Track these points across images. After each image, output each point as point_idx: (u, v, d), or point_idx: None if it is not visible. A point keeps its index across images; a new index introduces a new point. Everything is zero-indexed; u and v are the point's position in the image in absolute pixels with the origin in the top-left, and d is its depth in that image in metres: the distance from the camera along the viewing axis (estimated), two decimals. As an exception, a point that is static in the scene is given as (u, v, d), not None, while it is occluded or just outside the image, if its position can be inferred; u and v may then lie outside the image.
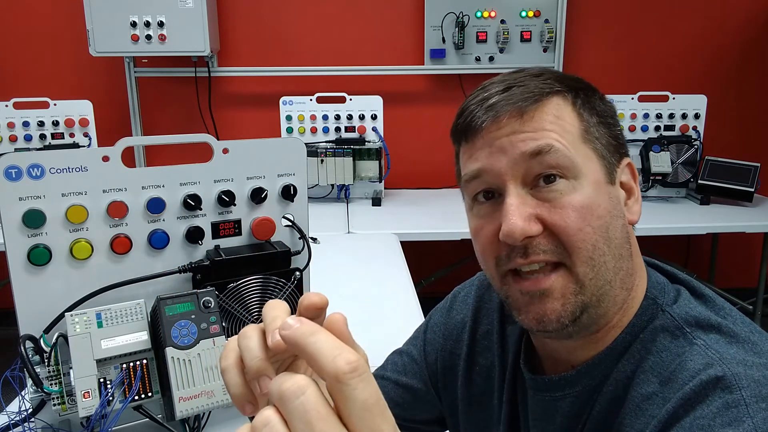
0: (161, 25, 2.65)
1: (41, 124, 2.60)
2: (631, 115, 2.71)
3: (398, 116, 3.02)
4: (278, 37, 3.07)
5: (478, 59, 3.04)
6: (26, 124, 2.59)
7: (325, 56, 3.07)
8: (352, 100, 2.71)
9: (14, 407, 0.82)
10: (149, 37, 2.67)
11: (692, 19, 3.14)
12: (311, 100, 2.71)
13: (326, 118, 2.71)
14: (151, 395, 0.80)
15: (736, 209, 2.61)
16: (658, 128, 2.72)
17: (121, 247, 0.86)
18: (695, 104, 2.71)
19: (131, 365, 0.79)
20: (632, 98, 2.71)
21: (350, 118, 2.70)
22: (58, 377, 0.78)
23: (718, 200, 2.66)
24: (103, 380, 0.77)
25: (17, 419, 0.80)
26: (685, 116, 2.70)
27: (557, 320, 0.61)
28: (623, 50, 3.16)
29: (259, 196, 0.94)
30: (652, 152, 2.62)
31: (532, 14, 2.99)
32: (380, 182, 2.76)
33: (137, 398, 0.79)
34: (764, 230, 2.56)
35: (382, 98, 2.71)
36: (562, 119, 0.62)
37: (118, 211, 0.85)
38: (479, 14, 2.99)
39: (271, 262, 0.94)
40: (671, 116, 2.71)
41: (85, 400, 0.75)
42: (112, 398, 0.77)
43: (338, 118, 2.71)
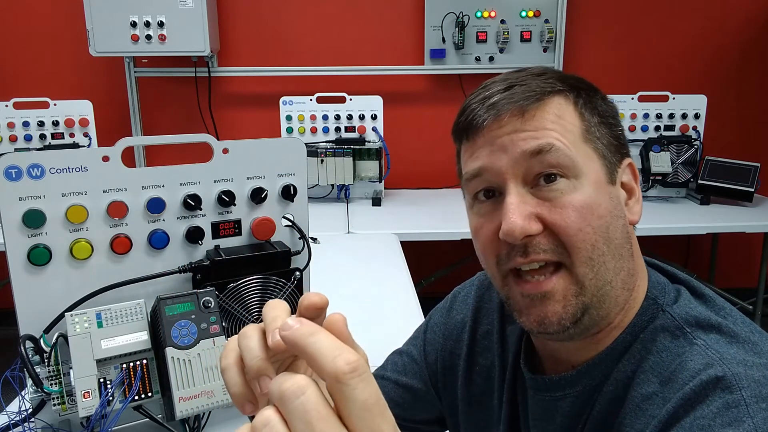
0: (161, 25, 2.65)
1: (41, 124, 2.60)
2: (631, 115, 2.71)
3: (398, 116, 3.02)
4: (278, 37, 3.07)
5: (478, 59, 3.04)
6: (26, 124, 2.59)
7: (325, 56, 3.07)
8: (352, 100, 2.71)
9: (14, 407, 0.82)
10: (149, 37, 2.67)
11: (692, 19, 3.14)
12: (311, 100, 2.70)
13: (326, 118, 2.71)
14: (151, 395, 0.80)
15: (736, 209, 2.61)
16: (658, 128, 2.72)
17: (121, 247, 0.86)
18: (695, 104, 2.71)
19: (131, 365, 0.79)
20: (632, 98, 2.71)
21: (350, 118, 2.70)
22: (58, 377, 0.78)
23: (718, 200, 2.66)
24: (103, 380, 0.77)
25: (17, 419, 0.80)
26: (685, 116, 2.70)
27: (558, 322, 0.61)
28: (623, 50, 3.16)
29: (259, 196, 0.94)
30: (652, 152, 2.62)
31: (532, 14, 2.99)
32: (380, 182, 2.76)
33: (137, 398, 0.79)
34: (764, 230, 2.56)
35: (382, 98, 2.71)
36: (563, 118, 0.62)
37: (118, 211, 0.85)
38: (479, 14, 2.99)
39: (271, 262, 0.94)
40: (671, 116, 2.71)
41: (85, 400, 0.75)
42: (112, 398, 0.77)
43: (338, 118, 2.71)
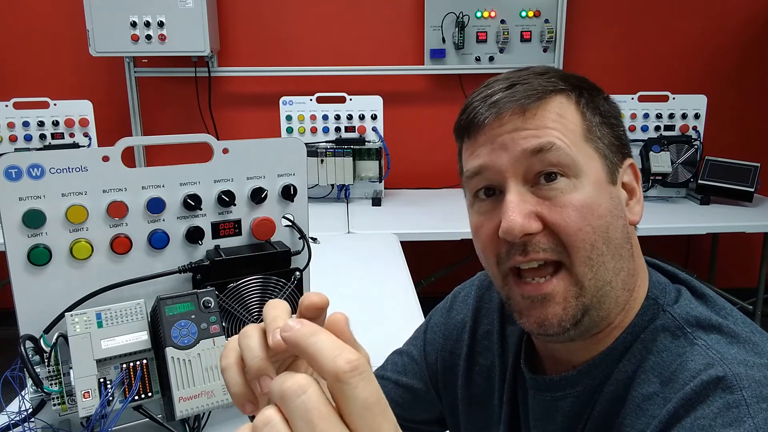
0: (161, 25, 2.65)
1: (41, 124, 2.60)
2: (631, 115, 2.71)
3: (398, 116, 3.02)
4: (278, 37, 3.07)
5: (478, 59, 3.04)
6: (26, 124, 2.59)
7: (325, 56, 3.07)
8: (352, 100, 2.71)
9: (14, 407, 0.82)
10: (149, 37, 2.66)
11: (692, 19, 3.14)
12: (311, 100, 2.70)
13: (326, 118, 2.71)
14: (151, 395, 0.80)
15: (736, 209, 2.61)
16: (658, 128, 2.72)
17: (121, 247, 0.86)
18: (695, 104, 2.71)
19: (131, 365, 0.79)
20: (632, 98, 2.71)
21: (350, 118, 2.70)
22: (58, 377, 0.77)
23: (718, 200, 2.66)
24: (103, 380, 0.77)
25: (17, 419, 0.80)
26: (685, 116, 2.70)
27: (558, 324, 0.61)
28: (623, 50, 3.16)
29: (259, 196, 0.94)
30: (652, 152, 2.62)
31: (532, 14, 2.99)
32: (380, 182, 2.76)
33: (137, 398, 0.79)
34: (764, 230, 2.56)
35: (382, 98, 2.71)
36: (564, 118, 0.62)
37: (118, 211, 0.85)
38: (479, 14, 2.99)
39: (271, 262, 0.94)
40: (671, 116, 2.71)
41: (85, 400, 0.75)
42: (112, 398, 0.77)
43: (338, 118, 2.71)
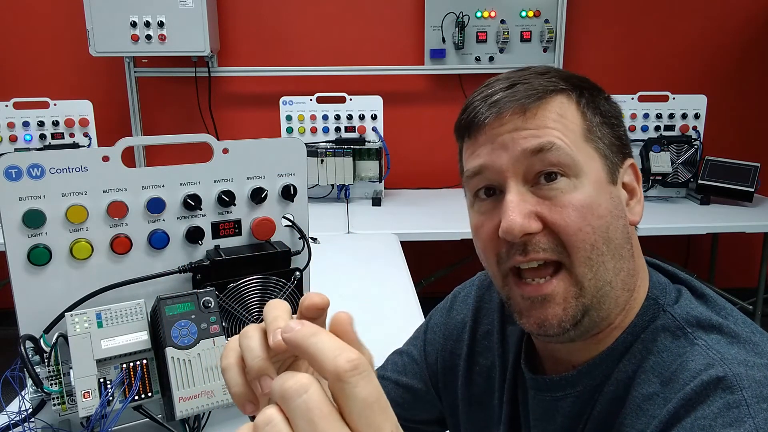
0: (161, 25, 2.65)
1: (41, 124, 2.60)
2: (631, 115, 2.71)
3: (398, 116, 3.02)
4: (278, 37, 3.07)
5: (478, 59, 3.04)
6: (26, 124, 2.59)
7: (325, 56, 3.07)
8: (352, 100, 2.71)
9: (14, 407, 0.82)
10: (149, 37, 2.66)
11: (692, 19, 3.14)
12: (311, 100, 2.70)
13: (326, 118, 2.71)
14: (151, 395, 0.80)
15: (736, 209, 2.61)
16: (658, 128, 2.72)
17: (121, 247, 0.86)
18: (695, 104, 2.71)
19: (131, 365, 0.79)
20: (632, 98, 2.70)
21: (350, 118, 2.70)
22: (58, 377, 0.77)
23: (718, 200, 2.66)
24: (103, 380, 0.77)
25: (17, 419, 0.80)
26: (685, 116, 2.70)
27: (558, 325, 0.61)
28: (623, 50, 3.16)
29: (259, 196, 0.94)
30: (652, 152, 2.62)
31: (532, 14, 2.99)
32: (380, 182, 2.76)
33: (137, 398, 0.79)
34: (764, 230, 2.56)
35: (382, 98, 2.71)
36: (565, 117, 0.62)
37: (118, 211, 0.85)
38: (479, 14, 2.99)
39: (271, 262, 0.93)
40: (671, 116, 2.71)
41: (85, 400, 0.75)
42: (112, 398, 0.77)
43: (338, 118, 2.71)
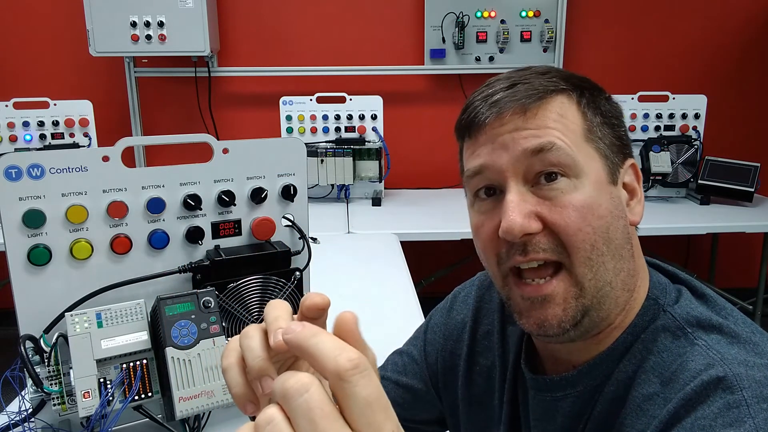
0: (161, 25, 2.65)
1: (41, 124, 2.60)
2: (631, 115, 2.71)
3: (398, 116, 3.02)
4: (278, 37, 3.07)
5: (478, 59, 3.04)
6: (26, 124, 2.59)
7: (325, 56, 3.07)
8: (352, 100, 2.71)
9: (14, 407, 0.82)
10: (149, 37, 2.66)
11: (692, 19, 3.14)
12: (311, 100, 2.70)
13: (326, 118, 2.71)
14: (151, 395, 0.80)
15: (736, 209, 2.61)
16: (658, 128, 2.72)
17: (121, 247, 0.86)
18: (695, 104, 2.71)
19: (131, 365, 0.79)
20: (632, 98, 2.70)
21: (350, 118, 2.70)
22: (58, 377, 0.77)
23: (718, 200, 2.66)
24: (103, 380, 0.77)
25: (17, 419, 0.80)
26: (685, 116, 2.70)
27: (558, 325, 0.61)
28: (623, 50, 3.16)
29: (259, 196, 0.94)
30: (652, 152, 2.62)
31: (532, 14, 2.99)
32: (380, 182, 2.76)
33: (137, 398, 0.79)
34: (764, 230, 2.56)
35: (382, 98, 2.71)
36: (565, 117, 0.62)
37: (118, 211, 0.85)
38: (479, 14, 2.99)
39: (271, 262, 0.93)
40: (671, 116, 2.71)
41: (85, 400, 0.75)
42: (112, 398, 0.77)
43: (338, 118, 2.71)
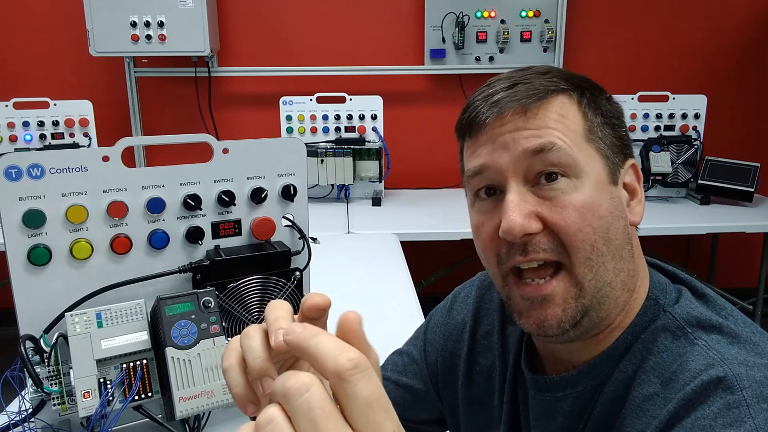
0: (161, 25, 2.65)
1: (41, 124, 2.59)
2: (631, 115, 2.71)
3: (398, 116, 3.02)
4: (278, 37, 3.07)
5: (478, 59, 3.04)
6: (26, 124, 2.59)
7: (325, 56, 3.07)
8: (352, 100, 2.71)
9: (14, 407, 0.82)
10: (149, 37, 2.66)
11: (692, 19, 3.14)
12: (311, 100, 2.70)
13: (326, 118, 2.71)
14: (151, 395, 0.80)
15: (736, 209, 2.61)
16: (658, 128, 2.72)
17: (121, 247, 0.86)
18: (695, 104, 2.71)
19: (131, 365, 0.79)
20: (632, 98, 2.70)
21: (350, 118, 2.70)
22: (58, 377, 0.77)
23: (718, 200, 2.66)
24: (103, 380, 0.77)
25: (17, 419, 0.80)
26: (685, 116, 2.70)
27: (558, 325, 0.61)
28: (623, 50, 3.16)
29: (259, 196, 0.94)
30: (652, 152, 2.62)
31: (532, 14, 2.99)
32: (380, 182, 2.76)
33: (137, 398, 0.79)
34: (764, 230, 2.56)
35: (382, 98, 2.71)
36: (566, 117, 0.62)
37: (118, 211, 0.85)
38: (479, 14, 2.99)
39: (271, 262, 0.93)
40: (671, 116, 2.71)
41: (85, 400, 0.75)
42: (112, 398, 0.77)
43: (338, 118, 2.71)
